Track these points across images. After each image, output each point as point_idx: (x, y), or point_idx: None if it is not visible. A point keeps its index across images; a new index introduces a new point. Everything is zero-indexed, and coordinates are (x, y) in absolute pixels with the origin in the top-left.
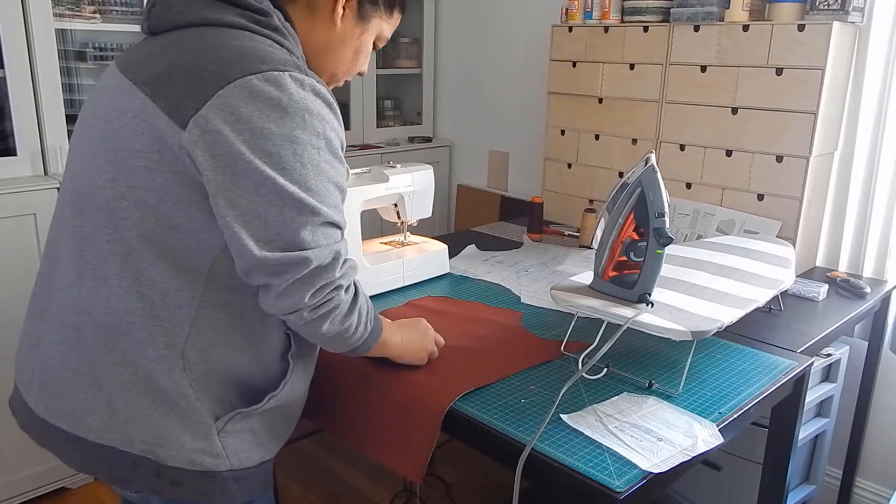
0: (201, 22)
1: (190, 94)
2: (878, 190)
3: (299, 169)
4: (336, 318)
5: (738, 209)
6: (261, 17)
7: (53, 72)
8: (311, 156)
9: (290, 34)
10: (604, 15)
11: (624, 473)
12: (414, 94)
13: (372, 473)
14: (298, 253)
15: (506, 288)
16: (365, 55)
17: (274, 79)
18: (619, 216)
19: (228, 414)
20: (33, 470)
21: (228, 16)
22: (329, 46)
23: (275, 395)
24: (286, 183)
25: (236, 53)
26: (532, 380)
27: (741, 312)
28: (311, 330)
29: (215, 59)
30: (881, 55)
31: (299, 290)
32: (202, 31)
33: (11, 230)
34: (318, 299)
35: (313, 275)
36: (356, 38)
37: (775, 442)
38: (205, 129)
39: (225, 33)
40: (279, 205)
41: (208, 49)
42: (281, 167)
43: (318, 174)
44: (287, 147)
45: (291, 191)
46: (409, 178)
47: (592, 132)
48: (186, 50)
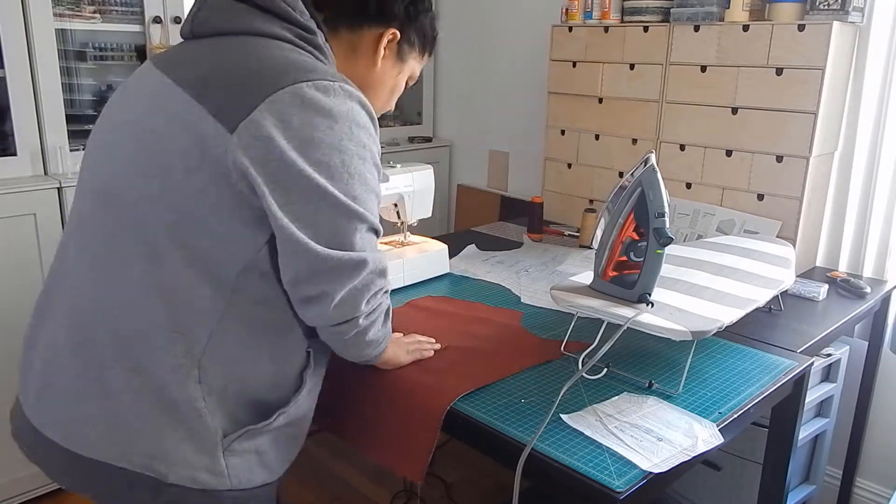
0: (248, 31)
1: (239, 98)
2: (878, 190)
3: (347, 178)
4: (379, 324)
5: (738, 209)
6: (307, 34)
7: (53, 72)
8: (357, 166)
9: (329, 56)
10: (604, 15)
11: (624, 473)
12: (414, 94)
13: (372, 473)
14: (357, 254)
15: (506, 288)
16: (398, 93)
17: (324, 87)
18: (619, 216)
19: (237, 432)
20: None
21: (276, 28)
22: (368, 84)
23: (284, 412)
24: (335, 191)
25: (285, 62)
26: (532, 380)
27: (741, 312)
28: (357, 339)
29: (264, 65)
30: (881, 55)
31: (357, 297)
32: (248, 40)
33: (11, 230)
34: (371, 305)
35: (369, 281)
36: (394, 78)
37: (775, 442)
38: (255, 135)
39: (272, 44)
40: (330, 212)
41: (256, 56)
42: (329, 175)
43: (362, 183)
44: (336, 156)
45: (340, 198)
46: (409, 178)
47: (592, 132)
48: (233, 55)
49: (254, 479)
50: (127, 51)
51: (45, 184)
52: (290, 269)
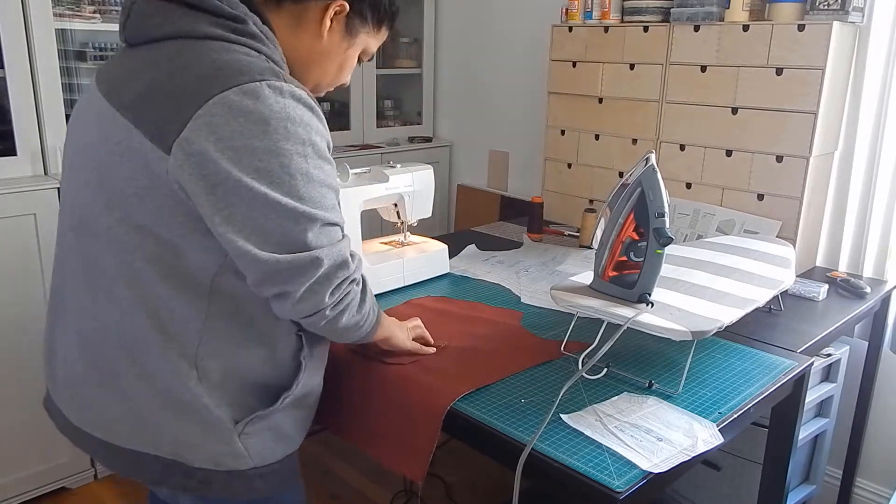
0: (178, 34)
1: (170, 118)
2: (878, 190)
3: (288, 180)
4: (352, 310)
5: (738, 209)
6: (237, 24)
7: (53, 72)
8: (299, 164)
9: (268, 39)
10: (604, 15)
11: (624, 473)
12: (414, 94)
13: (372, 473)
14: (308, 254)
15: (506, 288)
16: (349, 68)
17: (251, 91)
18: (619, 216)
19: (247, 418)
20: (33, 470)
21: (204, 26)
22: (314, 58)
23: (290, 395)
24: (278, 196)
25: (213, 68)
26: (532, 380)
27: (741, 312)
28: (330, 327)
29: (192, 77)
30: (881, 55)
31: (318, 291)
32: (179, 47)
33: (11, 230)
34: (336, 296)
35: (329, 274)
36: (342, 52)
37: (775, 442)
38: (189, 152)
39: (201, 46)
40: (275, 217)
41: (185, 67)
42: (270, 181)
43: (308, 181)
44: (273, 160)
45: (284, 203)
46: (409, 178)
47: (592, 132)
48: (164, 68)
49: (275, 454)
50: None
51: (45, 184)
52: (248, 275)
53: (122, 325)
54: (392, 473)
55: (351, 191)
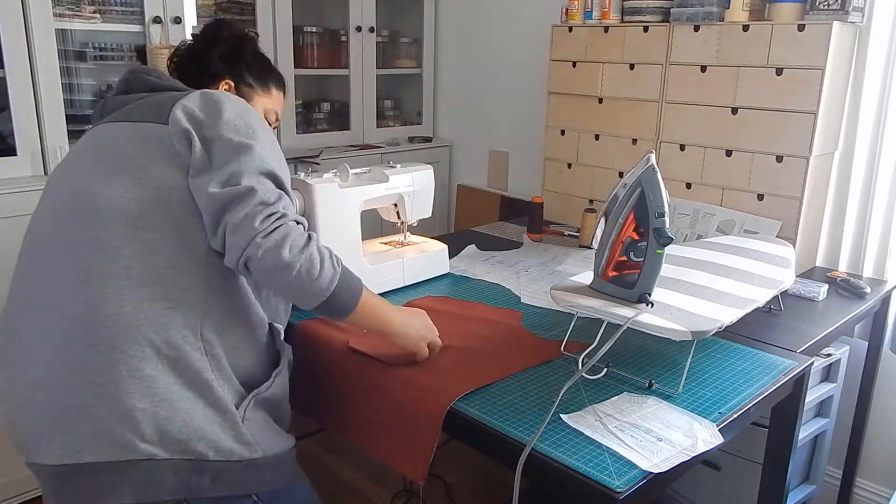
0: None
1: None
2: (878, 190)
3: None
4: (294, 247)
5: (738, 209)
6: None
7: (53, 72)
8: (262, 123)
9: None
10: (604, 15)
11: (624, 473)
12: (414, 94)
13: (372, 473)
14: (245, 185)
15: (506, 288)
16: None
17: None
18: (619, 216)
19: (245, 399)
20: None
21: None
22: None
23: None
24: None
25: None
26: (532, 380)
27: (741, 312)
28: (271, 260)
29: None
30: (881, 55)
31: (248, 221)
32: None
33: (11, 230)
34: (266, 225)
35: (259, 205)
36: None
37: (775, 442)
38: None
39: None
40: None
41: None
42: (236, 131)
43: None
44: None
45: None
46: (409, 178)
47: (592, 132)
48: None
49: (277, 446)
50: (127, 51)
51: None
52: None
53: (121, 301)
54: (392, 473)
55: (351, 191)
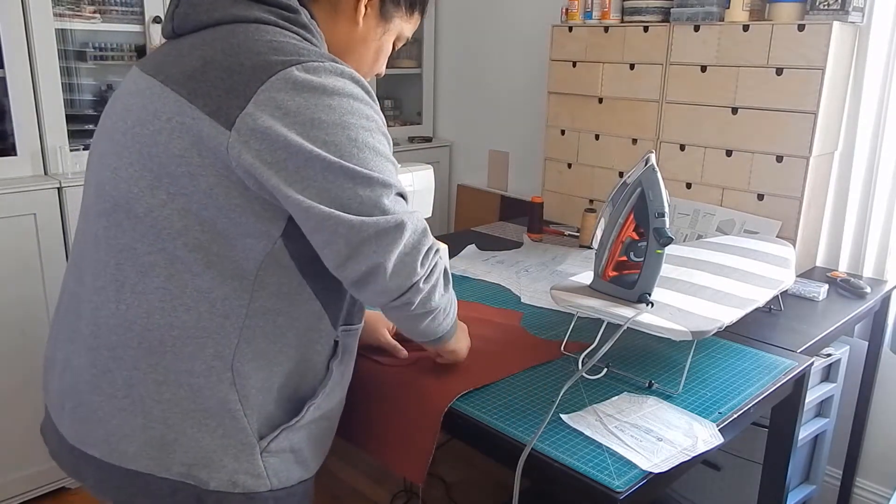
0: (230, 19)
1: (231, 92)
2: (878, 190)
3: (357, 153)
4: (440, 286)
5: (738, 209)
6: (289, 13)
7: (53, 72)
8: (365, 138)
9: (316, 32)
10: (604, 15)
11: (624, 473)
12: (414, 94)
13: (372, 473)
14: (392, 217)
15: (506, 288)
16: (385, 55)
17: (314, 68)
18: (619, 216)
19: (273, 433)
20: (33, 470)
21: (256, 12)
22: (351, 46)
23: (314, 404)
24: (350, 165)
25: (271, 48)
26: (532, 380)
27: (741, 312)
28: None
29: (251, 54)
30: (881, 55)
31: (409, 262)
32: (232, 29)
33: (11, 230)
34: (426, 266)
35: (416, 241)
36: (378, 38)
37: (775, 442)
38: (254, 128)
39: (255, 29)
40: (351, 185)
41: (241, 45)
42: (339, 153)
43: (375, 154)
44: (341, 133)
45: (357, 170)
46: (409, 178)
47: (592, 132)
48: (218, 46)
49: (291, 478)
50: (127, 51)
51: (45, 184)
52: (331, 252)
53: (150, 322)
54: (392, 474)
55: None
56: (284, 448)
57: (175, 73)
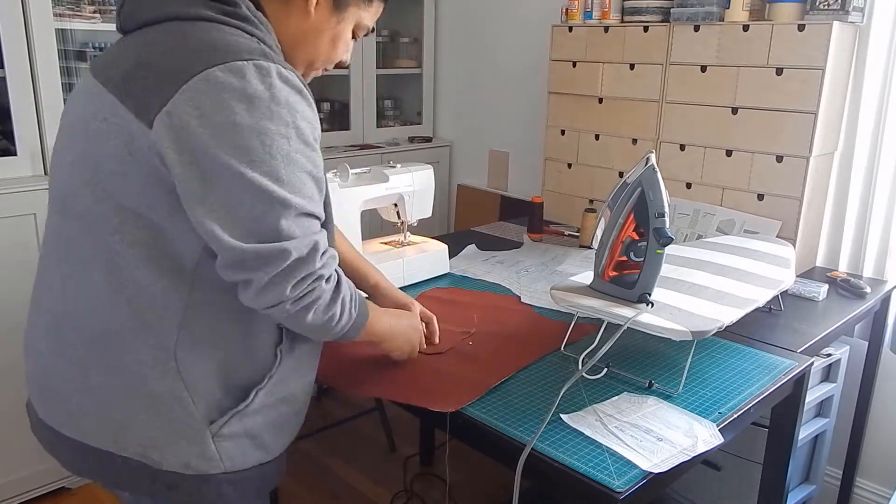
0: (171, 17)
1: (155, 92)
2: (878, 190)
3: (269, 160)
4: (319, 309)
5: (738, 209)
6: (227, 6)
7: (53, 72)
8: (281, 146)
9: (261, 23)
10: (604, 15)
11: (624, 473)
12: (414, 94)
13: (372, 473)
14: (277, 245)
15: (506, 288)
16: (344, 44)
17: (237, 69)
18: (619, 216)
19: (223, 418)
20: (33, 470)
21: (195, 8)
22: (304, 36)
23: (261, 389)
24: (256, 175)
25: (199, 46)
26: (532, 380)
27: (741, 312)
28: (294, 322)
29: (178, 54)
30: (881, 55)
31: (280, 283)
32: (169, 27)
33: (11, 230)
34: (298, 291)
35: (293, 267)
36: (332, 27)
37: (775, 442)
38: (170, 126)
39: (191, 27)
40: (249, 201)
41: (174, 45)
42: (250, 160)
43: (288, 164)
44: (255, 139)
45: (260, 183)
46: (409, 178)
47: (592, 132)
48: (152, 47)
49: (248, 461)
50: None
51: (45, 184)
52: (218, 258)
53: (95, 313)
54: (392, 473)
55: (351, 191)
56: (238, 432)
57: (114, 74)
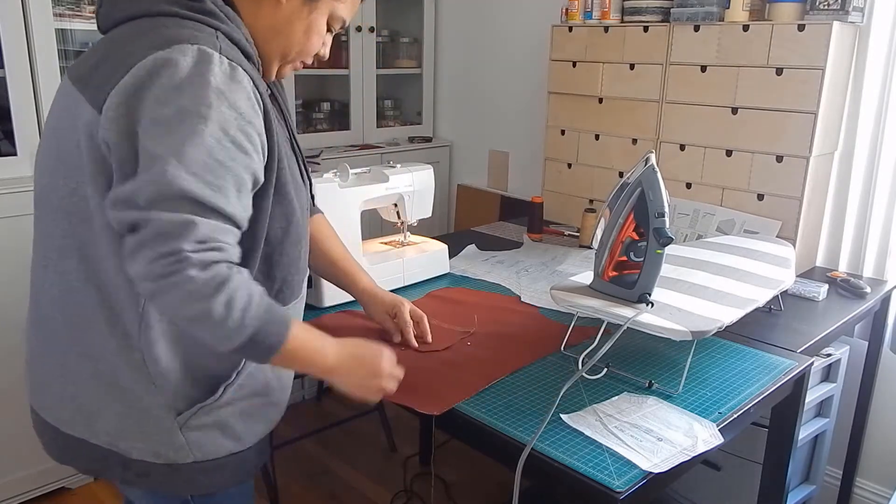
0: (140, 14)
1: (107, 80)
2: (878, 190)
3: (180, 139)
4: (188, 297)
5: (738, 209)
6: (192, 2)
7: (53, 72)
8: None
9: (229, 17)
10: (604, 15)
11: (624, 473)
12: (414, 94)
13: (372, 473)
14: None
15: (506, 288)
16: (318, 35)
17: (180, 49)
18: (619, 216)
19: (190, 410)
20: (33, 470)
21: (162, 5)
22: (276, 28)
23: (230, 385)
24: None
25: (159, 38)
26: (532, 380)
27: (741, 312)
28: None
29: (134, 46)
30: (881, 55)
31: (139, 253)
32: (136, 24)
33: (11, 230)
34: (156, 268)
35: (153, 239)
36: (305, 18)
37: (775, 442)
38: (109, 107)
39: (154, 22)
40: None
41: (134, 39)
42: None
43: (197, 146)
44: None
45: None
46: (409, 178)
47: (592, 132)
48: (115, 43)
49: (219, 451)
50: None
51: None
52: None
53: (68, 299)
54: (392, 473)
55: (351, 191)
56: (207, 423)
57: (80, 72)
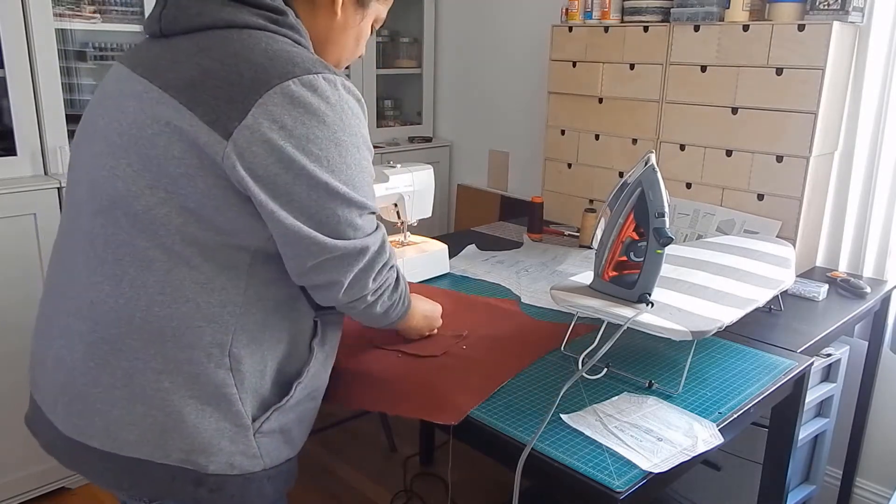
0: (221, 24)
1: (230, 104)
2: (878, 190)
3: (345, 169)
4: (386, 294)
5: (738, 209)
6: (277, 16)
7: (53, 72)
8: (353, 155)
9: (302, 30)
10: (604, 15)
11: (624, 473)
12: (414, 94)
13: (372, 473)
14: (360, 241)
15: (506, 288)
16: (365, 39)
17: (309, 83)
18: (619, 216)
19: (265, 414)
20: (33, 470)
21: (246, 16)
22: (331, 36)
23: (300, 383)
24: (336, 184)
25: (266, 57)
26: (532, 380)
27: (741, 312)
28: (367, 312)
29: (248, 64)
30: (881, 55)
31: (363, 278)
32: (225, 35)
33: (11, 230)
34: (377, 283)
35: (372, 260)
36: (357, 25)
37: (775, 442)
38: (250, 140)
39: (248, 35)
40: (332, 204)
41: (238, 54)
42: (330, 170)
43: (360, 171)
44: (333, 149)
45: (343, 191)
46: (409, 178)
47: (592, 132)
48: (215, 55)
49: (280, 456)
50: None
51: (45, 184)
52: (296, 263)
53: (150, 314)
54: (392, 473)
55: None
56: (274, 429)
57: (173, 80)
